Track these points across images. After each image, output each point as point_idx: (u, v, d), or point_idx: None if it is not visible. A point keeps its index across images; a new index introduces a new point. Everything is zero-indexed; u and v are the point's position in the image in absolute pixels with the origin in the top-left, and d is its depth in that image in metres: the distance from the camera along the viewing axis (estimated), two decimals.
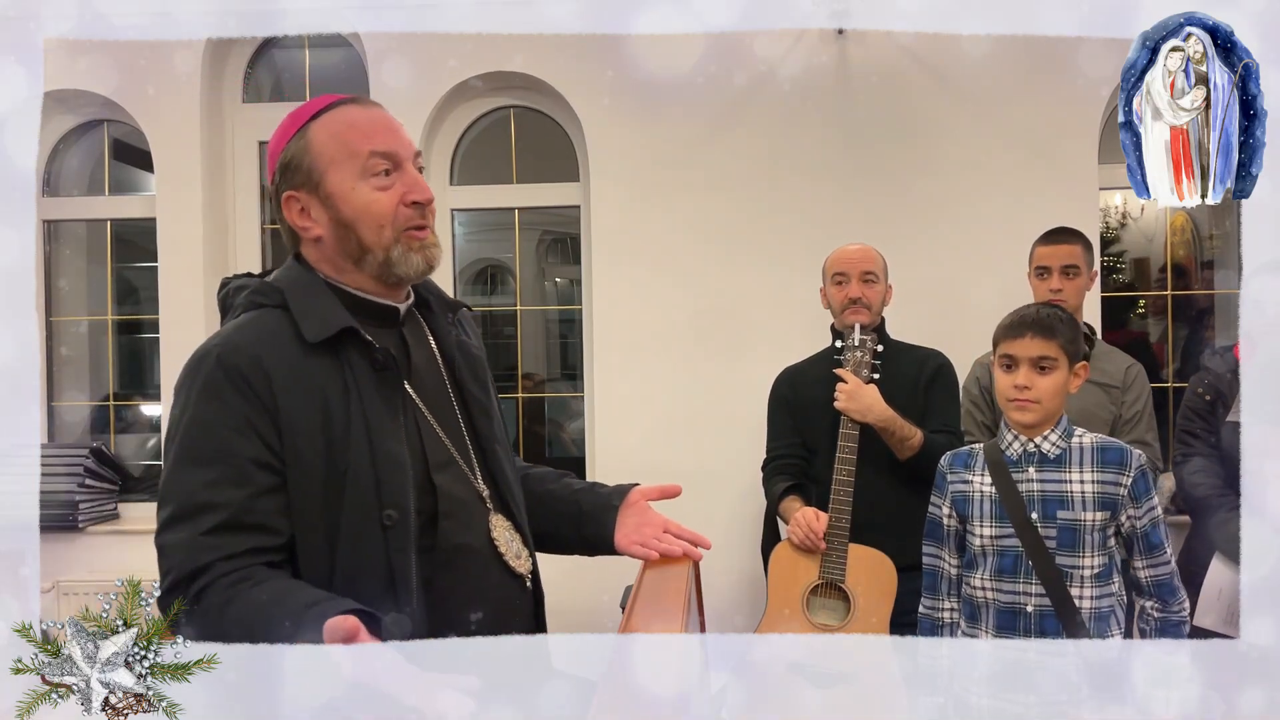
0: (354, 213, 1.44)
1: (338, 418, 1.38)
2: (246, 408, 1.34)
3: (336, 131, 1.45)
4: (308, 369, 1.39)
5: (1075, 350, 2.14)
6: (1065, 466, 2.11)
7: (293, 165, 1.46)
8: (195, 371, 1.38)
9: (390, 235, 1.45)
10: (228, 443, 1.33)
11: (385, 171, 1.45)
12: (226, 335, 1.41)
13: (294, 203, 1.46)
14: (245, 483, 1.33)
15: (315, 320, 1.42)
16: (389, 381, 1.45)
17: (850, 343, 2.69)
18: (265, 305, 1.46)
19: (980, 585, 2.13)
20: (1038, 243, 2.95)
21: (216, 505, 1.31)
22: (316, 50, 3.88)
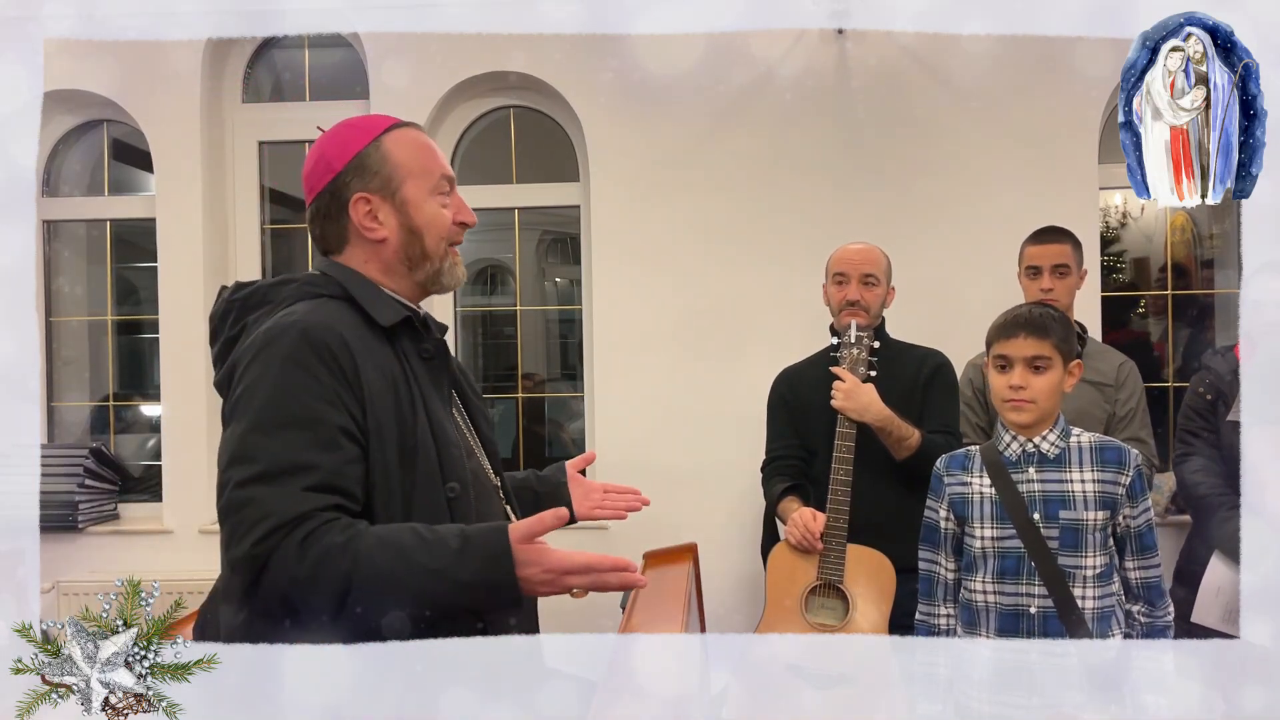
0: (424, 221, 1.58)
1: (404, 397, 1.49)
2: (333, 380, 1.41)
3: (415, 149, 1.59)
4: (379, 351, 1.50)
5: (1069, 349, 2.13)
6: (1065, 466, 2.11)
7: (370, 170, 1.56)
8: (277, 342, 1.43)
9: (444, 248, 1.60)
10: (318, 411, 1.39)
11: (447, 192, 1.61)
12: (302, 315, 1.47)
13: (363, 204, 1.56)
14: (336, 449, 1.39)
15: (382, 307, 1.54)
16: (436, 370, 1.59)
17: (846, 340, 2.67)
18: (323, 295, 1.54)
19: (981, 589, 2.12)
20: (1027, 242, 2.95)
21: (314, 465, 1.36)
22: (316, 50, 3.88)
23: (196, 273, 3.64)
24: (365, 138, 1.58)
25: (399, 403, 1.48)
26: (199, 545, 3.58)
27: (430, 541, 1.34)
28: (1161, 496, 3.28)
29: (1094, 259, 3.44)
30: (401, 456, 1.45)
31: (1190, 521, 2.92)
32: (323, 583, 1.30)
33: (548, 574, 1.33)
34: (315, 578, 1.30)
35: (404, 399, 1.49)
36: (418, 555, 1.33)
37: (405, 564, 1.31)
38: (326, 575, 1.30)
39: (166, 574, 3.31)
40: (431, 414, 1.51)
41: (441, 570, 1.32)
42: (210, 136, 3.71)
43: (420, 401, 1.51)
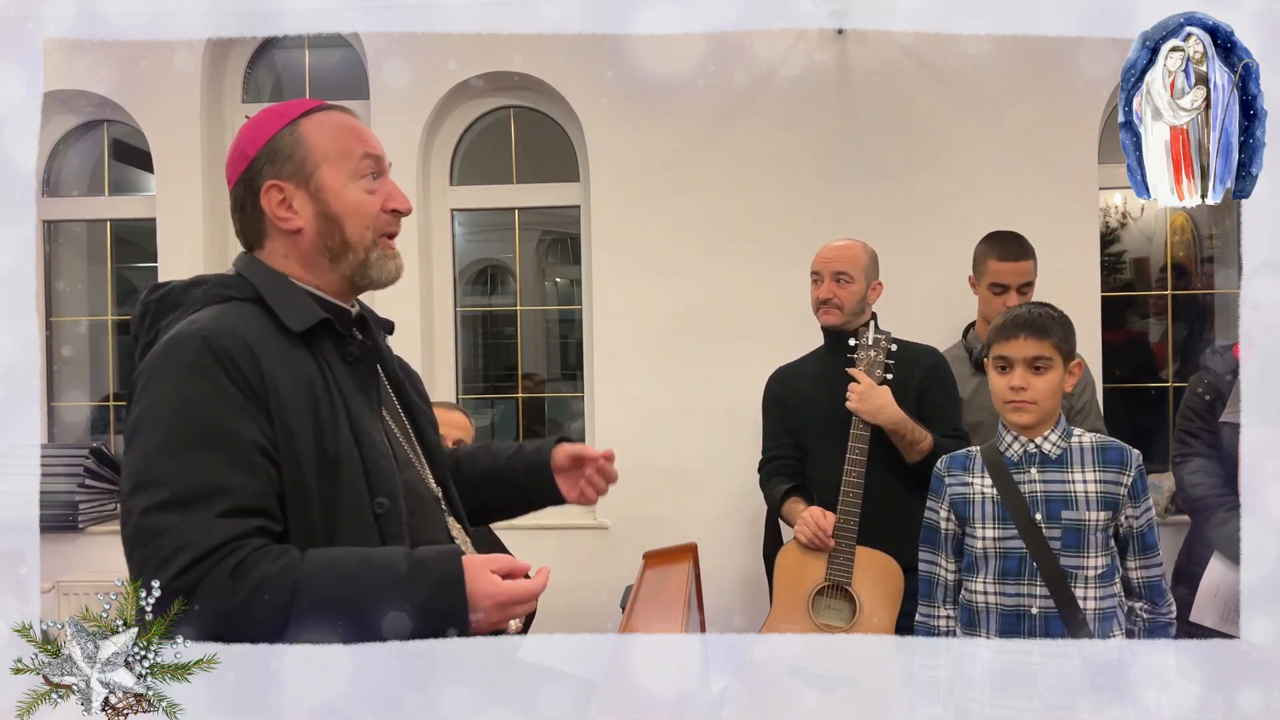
0: (343, 209, 1.45)
1: (323, 406, 1.38)
2: (240, 392, 1.31)
3: (333, 131, 1.47)
4: (292, 358, 1.39)
5: (1069, 349, 2.13)
6: (1067, 467, 2.11)
7: (282, 155, 1.45)
8: (178, 353, 1.33)
9: (370, 237, 1.47)
10: (227, 426, 1.29)
11: (373, 176, 1.48)
12: (206, 321, 1.36)
13: (276, 192, 1.45)
14: (250, 467, 1.30)
15: (295, 310, 1.42)
16: (363, 374, 1.48)
17: (864, 342, 2.66)
18: (234, 298, 1.44)
19: (982, 589, 2.11)
20: (991, 254, 2.90)
21: (229, 488, 1.27)
22: (316, 50, 3.88)
23: (196, 273, 3.62)
24: (280, 122, 1.47)
25: (317, 412, 1.37)
26: None
27: (376, 567, 1.27)
28: (1161, 497, 3.28)
29: (1094, 259, 3.44)
30: (321, 471, 1.35)
31: (1189, 522, 2.92)
32: (259, 614, 1.22)
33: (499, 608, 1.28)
34: (250, 609, 1.21)
35: (323, 408, 1.38)
36: (363, 582, 1.25)
37: (349, 591, 1.24)
38: (263, 606, 1.22)
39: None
40: (356, 423, 1.40)
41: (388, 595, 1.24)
42: (210, 136, 3.71)
43: (343, 410, 1.40)
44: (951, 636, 2.18)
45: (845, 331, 2.76)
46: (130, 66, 3.58)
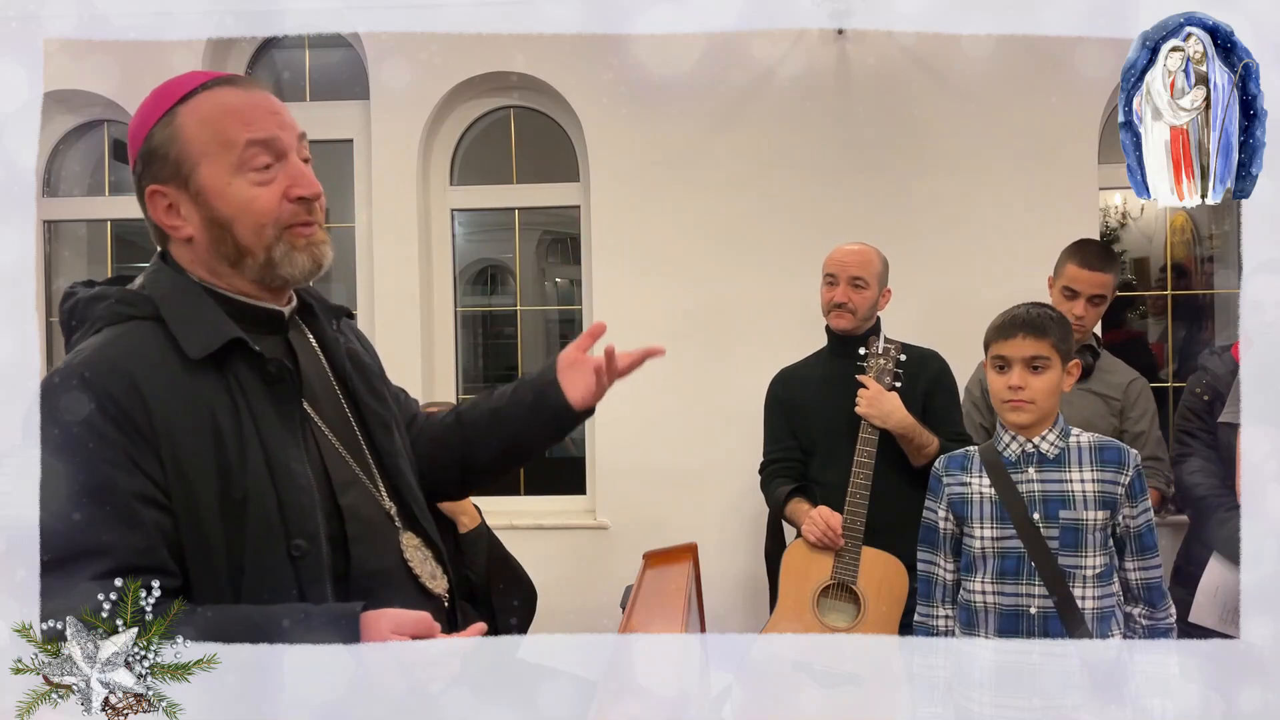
0: (230, 211, 1.28)
1: (229, 440, 1.24)
2: (122, 437, 1.19)
3: (209, 117, 1.29)
4: (190, 388, 1.24)
5: (1067, 349, 2.13)
6: (1065, 466, 2.11)
7: (158, 155, 1.29)
8: (55, 395, 1.20)
9: (272, 234, 1.30)
10: (106, 477, 1.17)
11: (266, 165, 1.29)
12: (89, 354, 1.23)
13: (160, 199, 1.30)
14: (132, 523, 1.18)
15: (196, 332, 1.27)
16: (284, 395, 1.32)
17: (874, 351, 2.70)
18: (134, 317, 1.29)
19: (981, 589, 2.11)
20: (1071, 260, 2.87)
21: (104, 550, 1.16)
22: (316, 50, 3.88)
23: None
24: (158, 112, 1.30)
25: (221, 449, 1.23)
26: None
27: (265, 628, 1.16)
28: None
29: None
30: (225, 514, 1.22)
31: (1188, 522, 2.92)
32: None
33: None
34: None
35: (229, 443, 1.24)
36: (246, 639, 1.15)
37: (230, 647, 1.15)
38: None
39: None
40: (271, 455, 1.26)
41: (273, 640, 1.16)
42: None
43: (255, 441, 1.25)
44: (950, 636, 2.18)
45: (853, 336, 2.78)
46: (130, 66, 3.58)
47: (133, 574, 1.14)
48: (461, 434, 1.62)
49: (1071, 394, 2.84)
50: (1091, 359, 2.88)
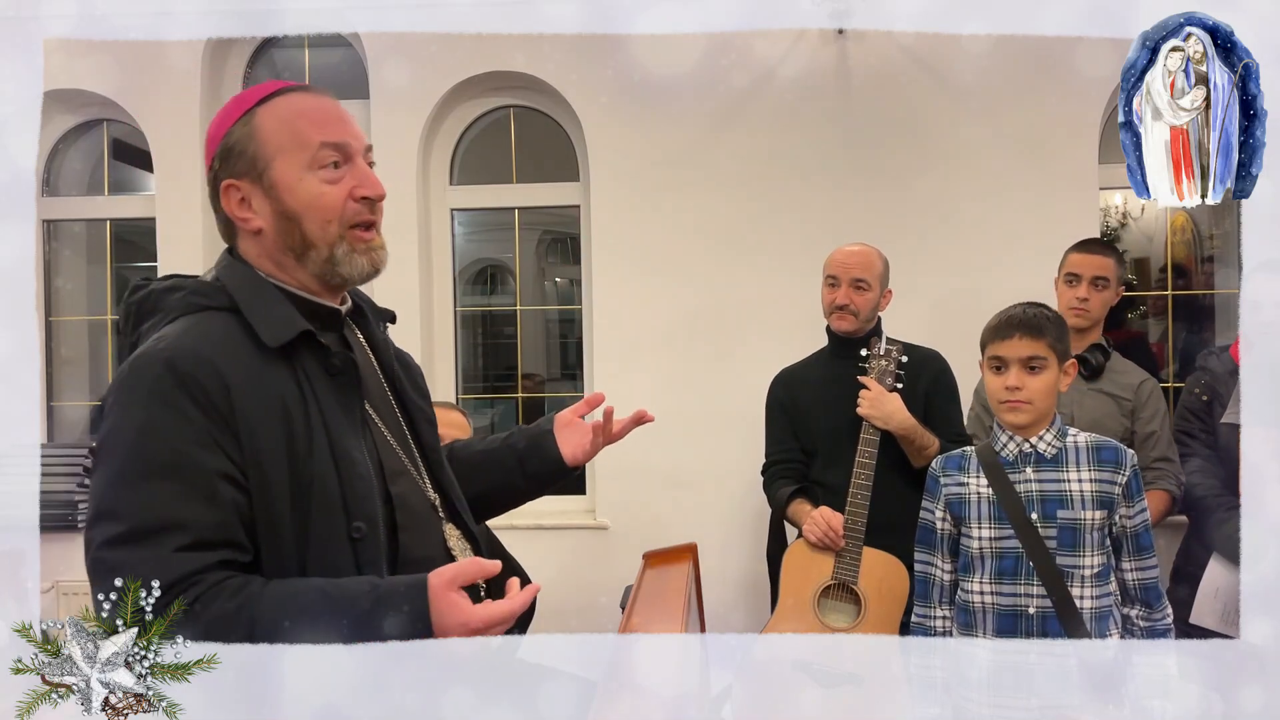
0: (300, 205, 1.37)
1: (299, 426, 1.31)
2: (204, 418, 1.25)
3: (285, 119, 1.38)
4: (264, 375, 1.31)
5: (1064, 349, 2.13)
6: (1062, 466, 2.11)
7: (235, 151, 1.37)
8: (140, 376, 1.26)
9: (336, 231, 1.38)
10: (188, 455, 1.23)
11: (335, 164, 1.38)
12: (172, 340, 1.29)
13: (234, 192, 1.38)
14: (212, 498, 1.24)
15: (271, 323, 1.34)
16: (345, 387, 1.39)
17: (875, 352, 2.70)
18: (209, 307, 1.36)
19: (979, 589, 2.11)
20: (1072, 249, 2.92)
21: (185, 523, 1.21)
22: (316, 50, 3.88)
23: (196, 272, 3.63)
24: (236, 114, 1.39)
25: (290, 435, 1.30)
26: None
27: (338, 600, 1.22)
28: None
29: None
30: (294, 496, 1.29)
31: (1188, 522, 2.92)
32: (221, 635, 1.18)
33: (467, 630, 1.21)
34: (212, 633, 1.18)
35: (298, 428, 1.31)
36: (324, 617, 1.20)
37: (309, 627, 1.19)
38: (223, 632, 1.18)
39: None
40: (335, 442, 1.33)
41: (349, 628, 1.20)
42: None
43: (320, 429, 1.33)
44: (948, 637, 2.18)
45: (854, 338, 2.78)
46: (130, 66, 3.59)
47: (210, 548, 1.22)
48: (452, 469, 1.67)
49: (1083, 394, 2.85)
50: (1103, 359, 2.88)
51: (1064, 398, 2.86)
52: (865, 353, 2.71)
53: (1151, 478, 2.81)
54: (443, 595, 1.22)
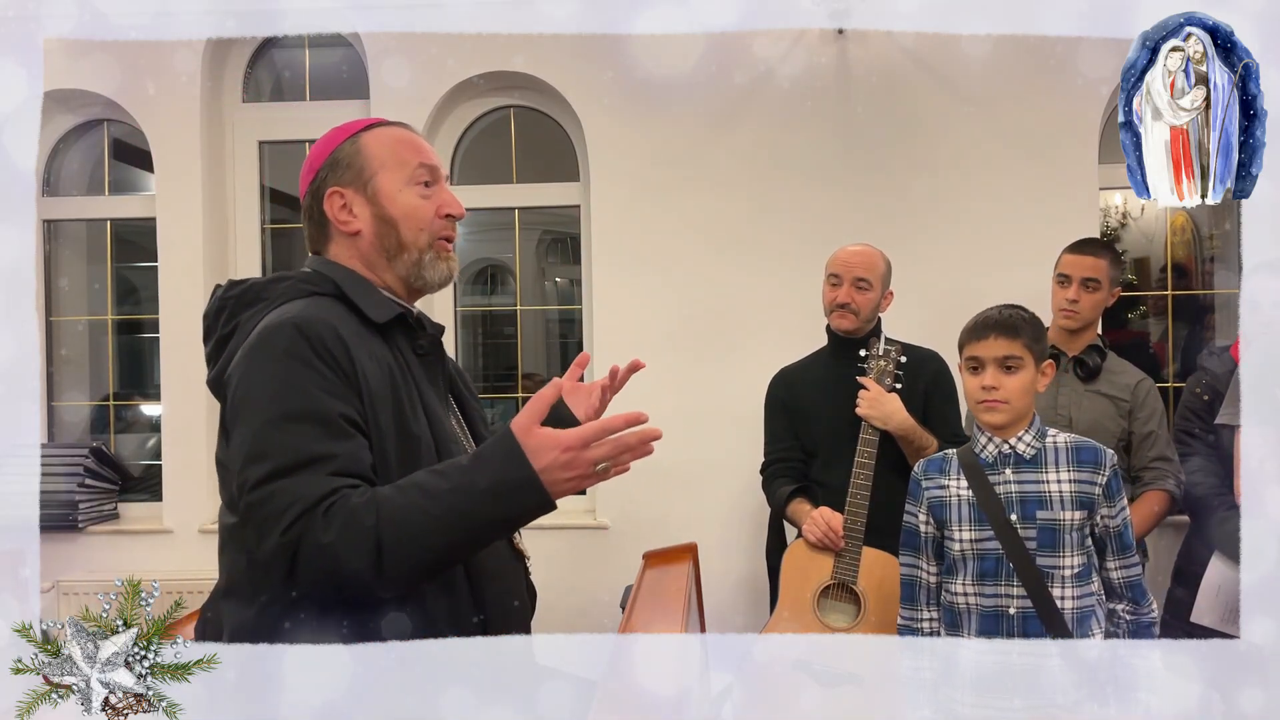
0: (399, 212, 1.57)
1: (403, 391, 1.48)
2: (333, 374, 1.41)
3: (390, 141, 1.59)
4: (372, 345, 1.49)
5: (1040, 349, 2.15)
6: (1041, 467, 2.12)
7: (343, 164, 1.58)
8: (274, 338, 1.42)
9: (426, 239, 1.59)
10: (323, 403, 1.39)
11: (427, 183, 1.60)
12: (296, 311, 1.46)
13: (337, 198, 1.57)
14: (348, 438, 1.39)
15: (374, 303, 1.53)
16: (431, 366, 1.59)
17: (875, 353, 2.71)
18: (315, 293, 1.53)
19: (962, 591, 2.13)
20: (1066, 249, 2.92)
21: (331, 454, 1.36)
22: (316, 50, 3.88)
23: (196, 272, 3.64)
24: (342, 136, 1.61)
25: (397, 398, 1.47)
26: (199, 545, 3.59)
27: (443, 471, 1.36)
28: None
29: None
30: (402, 452, 1.45)
31: (1189, 522, 2.92)
32: (351, 543, 1.29)
33: (567, 453, 1.32)
34: (344, 540, 1.29)
35: (403, 394, 1.49)
36: (434, 483, 1.33)
37: (426, 497, 1.32)
38: (353, 534, 1.30)
39: (166, 574, 3.31)
40: (430, 410, 1.52)
41: (462, 488, 1.32)
42: (210, 136, 3.71)
43: (418, 397, 1.51)
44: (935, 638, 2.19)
45: (854, 338, 2.78)
46: (130, 66, 3.59)
47: (351, 476, 1.36)
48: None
49: (1080, 395, 2.85)
50: (1099, 359, 2.88)
51: (1062, 399, 2.86)
52: (864, 353, 2.72)
53: (1150, 478, 2.81)
54: (528, 433, 1.33)
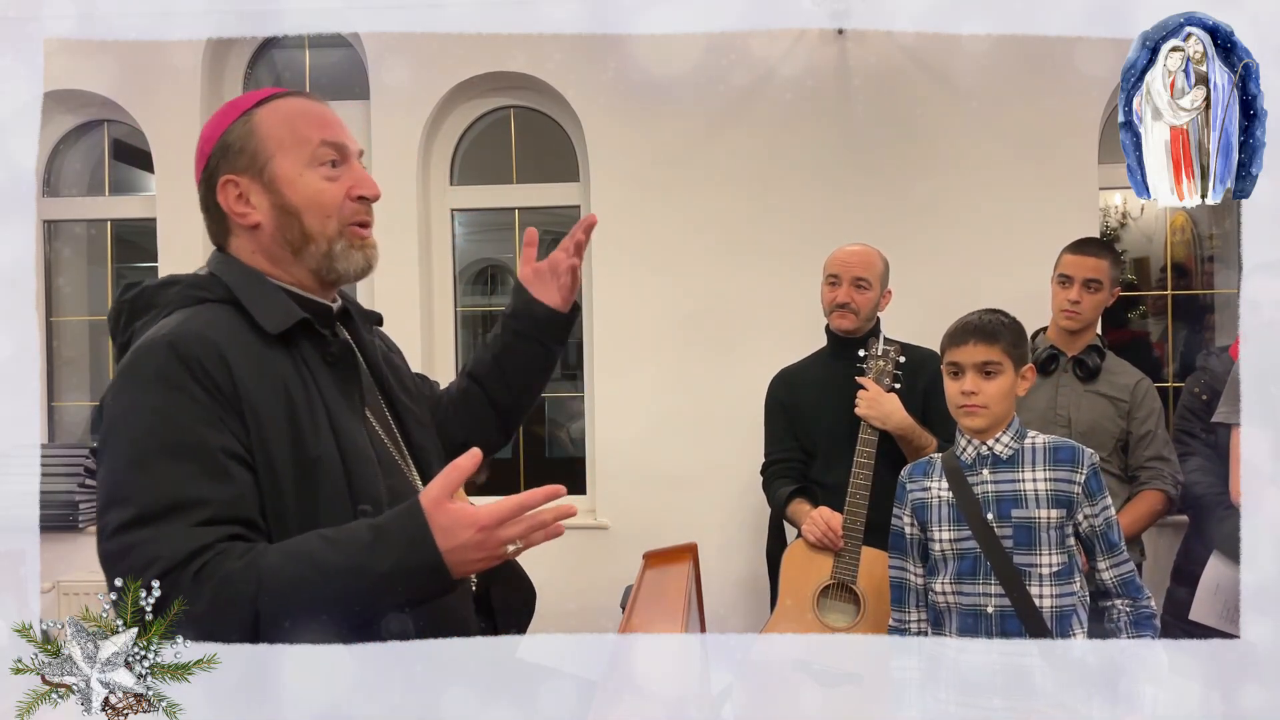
0: (300, 199, 1.39)
1: (302, 410, 1.32)
2: (209, 398, 1.26)
3: (287, 117, 1.41)
4: (265, 360, 1.33)
5: (1020, 354, 2.17)
6: (1018, 466, 2.14)
7: (234, 148, 1.40)
8: (144, 361, 1.28)
9: (335, 227, 1.41)
10: (198, 435, 1.24)
11: (333, 163, 1.41)
12: (174, 326, 1.31)
13: (231, 187, 1.40)
14: (224, 477, 1.24)
15: (270, 311, 1.36)
16: (344, 375, 1.42)
17: (874, 352, 2.71)
18: (206, 300, 1.38)
19: (942, 590, 2.15)
20: (1066, 249, 2.91)
21: (201, 501, 1.21)
22: (316, 50, 3.88)
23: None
24: (235, 113, 1.42)
25: (294, 416, 1.31)
26: None
27: (338, 541, 1.20)
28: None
29: None
30: (299, 477, 1.29)
31: (1188, 521, 2.92)
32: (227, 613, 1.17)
33: (481, 532, 1.17)
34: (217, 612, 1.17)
35: (301, 410, 1.32)
36: (328, 559, 1.18)
37: (317, 572, 1.18)
38: (228, 606, 1.17)
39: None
40: (338, 426, 1.35)
41: (356, 568, 1.17)
42: None
43: (323, 411, 1.34)
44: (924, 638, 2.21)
45: (854, 338, 2.78)
46: (130, 66, 3.59)
47: (224, 524, 1.21)
48: (481, 390, 1.75)
49: (1079, 396, 2.86)
50: (1099, 360, 2.88)
51: (1061, 399, 2.86)
52: (863, 353, 2.72)
53: (1147, 477, 2.82)
54: (440, 509, 1.19)
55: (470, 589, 1.51)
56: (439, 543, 1.18)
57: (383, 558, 1.18)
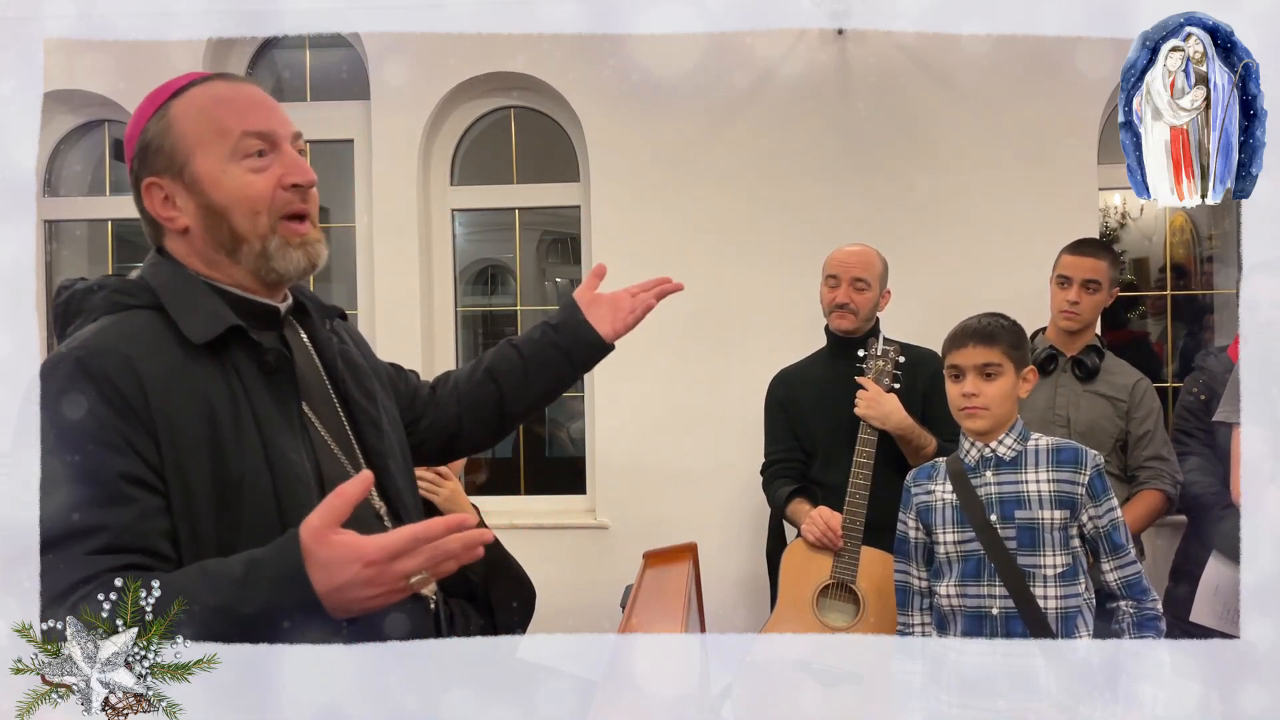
0: (225, 198, 1.29)
1: (226, 425, 1.23)
2: (115, 417, 1.18)
3: (203, 108, 1.31)
4: (187, 373, 1.24)
5: (1020, 355, 2.18)
6: (1021, 468, 2.14)
7: (153, 148, 1.30)
8: (49, 379, 1.19)
9: (267, 223, 1.30)
10: (98, 460, 1.16)
11: (260, 152, 1.30)
12: (86, 338, 1.23)
13: (156, 190, 1.31)
14: (124, 502, 1.16)
15: (197, 319, 1.27)
16: (281, 386, 1.32)
17: (873, 352, 2.71)
18: (131, 306, 1.29)
19: (947, 593, 2.15)
20: (1065, 250, 2.91)
21: (99, 526, 1.15)
22: (316, 50, 3.88)
23: None
24: (151, 109, 1.33)
25: (215, 433, 1.22)
26: None
27: (212, 575, 1.12)
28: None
29: None
30: (219, 499, 1.21)
31: (1187, 521, 2.92)
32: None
33: (369, 568, 1.07)
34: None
35: (225, 427, 1.23)
36: (200, 596, 1.10)
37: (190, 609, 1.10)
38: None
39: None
40: (269, 442, 1.25)
41: (224, 609, 1.10)
42: None
43: (252, 427, 1.25)
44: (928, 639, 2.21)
45: (853, 338, 2.78)
46: (130, 66, 3.58)
47: (122, 552, 1.15)
48: (498, 389, 1.67)
49: (1079, 396, 2.86)
50: (1098, 360, 2.88)
51: (1060, 400, 2.86)
52: (863, 352, 2.72)
53: (1145, 477, 2.82)
54: (321, 543, 1.09)
55: (428, 608, 1.42)
56: (317, 581, 1.09)
57: (253, 598, 1.10)
